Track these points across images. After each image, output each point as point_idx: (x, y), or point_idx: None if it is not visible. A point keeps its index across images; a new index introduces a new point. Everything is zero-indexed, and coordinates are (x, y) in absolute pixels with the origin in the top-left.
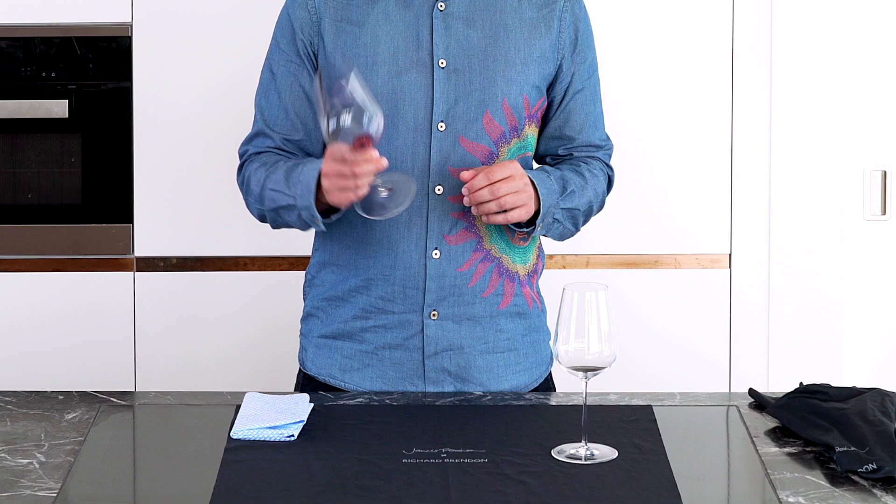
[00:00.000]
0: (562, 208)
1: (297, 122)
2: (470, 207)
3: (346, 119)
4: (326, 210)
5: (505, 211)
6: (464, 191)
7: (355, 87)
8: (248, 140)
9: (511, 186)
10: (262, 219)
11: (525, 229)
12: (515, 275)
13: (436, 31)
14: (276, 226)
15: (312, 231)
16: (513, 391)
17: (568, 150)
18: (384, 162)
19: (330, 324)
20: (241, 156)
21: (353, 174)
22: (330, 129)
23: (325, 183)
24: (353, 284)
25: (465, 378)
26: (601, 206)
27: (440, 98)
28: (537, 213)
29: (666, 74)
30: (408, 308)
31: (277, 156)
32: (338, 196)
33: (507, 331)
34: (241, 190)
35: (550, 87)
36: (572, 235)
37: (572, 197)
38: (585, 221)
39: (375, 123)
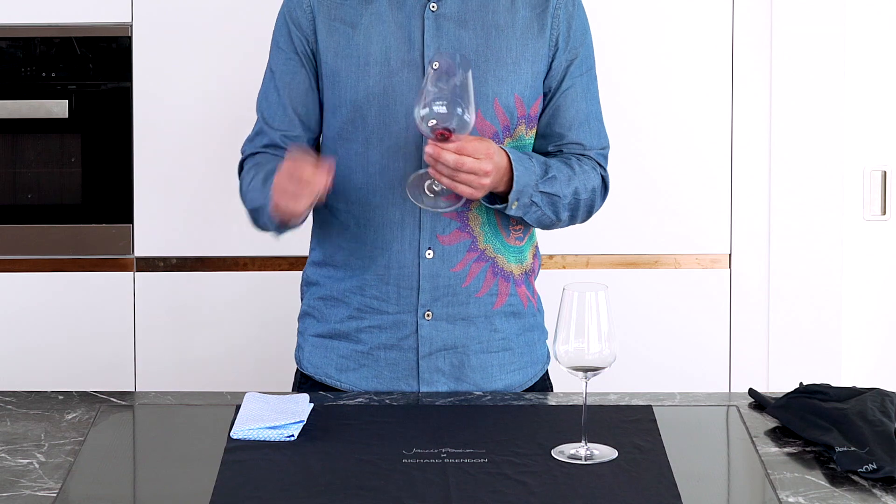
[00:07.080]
0: (541, 191)
1: (296, 118)
2: (464, 211)
3: (440, 108)
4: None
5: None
6: (427, 158)
7: (464, 81)
8: (249, 139)
9: (477, 167)
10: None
11: (498, 206)
12: (510, 275)
13: (427, 32)
14: (256, 227)
15: (310, 231)
16: (507, 391)
17: (557, 146)
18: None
19: (326, 323)
20: (241, 153)
21: (300, 192)
22: (421, 113)
23: (274, 194)
24: (348, 285)
25: (458, 377)
26: (592, 205)
27: None
28: (509, 191)
29: (666, 74)
30: (402, 308)
31: (273, 157)
32: (284, 204)
33: (501, 330)
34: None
35: (543, 84)
36: (554, 226)
37: (553, 183)
38: (573, 216)
39: (467, 120)
